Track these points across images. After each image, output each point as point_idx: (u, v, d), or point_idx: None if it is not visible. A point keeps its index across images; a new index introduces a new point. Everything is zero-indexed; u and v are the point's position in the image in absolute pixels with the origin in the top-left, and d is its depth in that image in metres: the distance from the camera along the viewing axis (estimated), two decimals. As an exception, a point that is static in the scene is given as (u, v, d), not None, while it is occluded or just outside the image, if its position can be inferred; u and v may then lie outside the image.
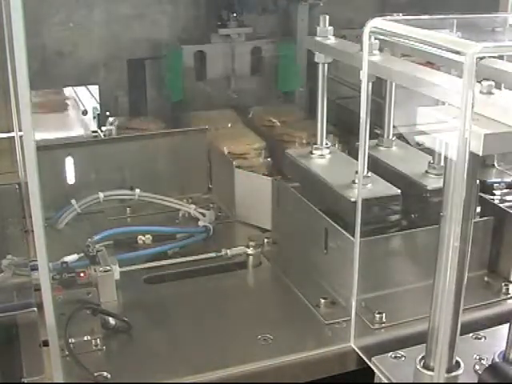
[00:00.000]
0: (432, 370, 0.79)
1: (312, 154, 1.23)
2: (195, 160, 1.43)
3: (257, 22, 1.71)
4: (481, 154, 0.68)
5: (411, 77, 0.85)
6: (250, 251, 1.17)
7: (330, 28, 1.19)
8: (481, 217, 1.10)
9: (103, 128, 1.61)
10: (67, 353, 0.87)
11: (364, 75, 0.86)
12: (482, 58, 0.66)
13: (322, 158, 1.23)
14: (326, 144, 1.24)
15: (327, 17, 1.19)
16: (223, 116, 1.63)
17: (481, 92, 0.73)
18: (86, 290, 0.99)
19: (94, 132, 1.67)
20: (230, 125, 1.58)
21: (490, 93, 0.73)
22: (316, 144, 1.23)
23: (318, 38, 1.19)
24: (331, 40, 1.18)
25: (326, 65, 1.18)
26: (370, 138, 1.04)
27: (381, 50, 0.97)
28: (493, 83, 0.74)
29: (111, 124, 1.59)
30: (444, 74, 0.81)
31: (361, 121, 0.87)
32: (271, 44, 1.72)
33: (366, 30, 0.82)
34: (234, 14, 1.66)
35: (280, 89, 1.77)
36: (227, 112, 1.66)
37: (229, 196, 1.34)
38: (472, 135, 0.67)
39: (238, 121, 1.62)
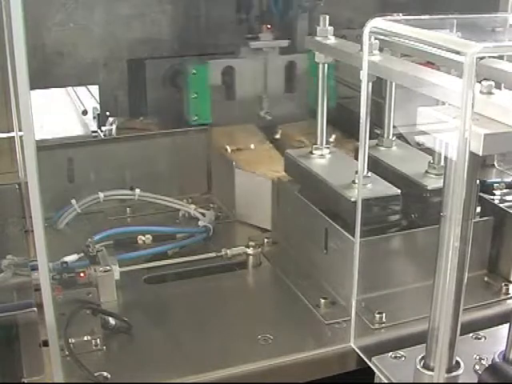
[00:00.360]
0: (432, 370, 0.79)
1: (312, 153, 1.23)
2: (195, 160, 1.43)
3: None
4: (481, 154, 0.68)
5: (411, 77, 0.85)
6: (250, 251, 1.17)
7: (330, 28, 1.18)
8: (481, 217, 1.10)
9: (103, 128, 1.61)
10: (67, 353, 0.87)
11: (364, 75, 0.86)
12: (482, 58, 0.66)
13: (322, 158, 1.23)
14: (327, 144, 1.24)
15: (327, 17, 1.19)
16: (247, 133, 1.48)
17: (481, 92, 0.73)
18: (86, 289, 0.99)
19: (93, 132, 1.67)
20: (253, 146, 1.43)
21: (490, 93, 0.73)
22: (316, 144, 1.23)
23: (317, 38, 1.19)
24: (331, 40, 1.18)
25: (326, 65, 1.18)
26: (370, 138, 1.04)
27: (381, 50, 0.97)
28: (493, 83, 0.74)
29: (111, 124, 1.59)
30: (444, 74, 0.81)
31: (361, 121, 0.87)
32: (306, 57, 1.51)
33: (366, 30, 0.82)
34: (269, 26, 1.50)
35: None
36: (250, 128, 1.51)
37: (229, 196, 1.34)
38: (472, 135, 0.67)
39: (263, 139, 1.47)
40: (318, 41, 1.18)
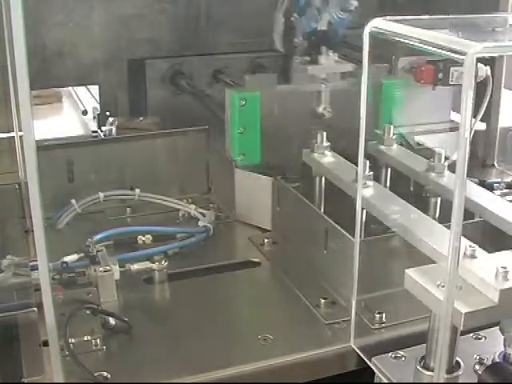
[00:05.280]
0: (432, 370, 0.79)
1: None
2: (195, 160, 1.43)
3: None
4: (461, 329, 0.73)
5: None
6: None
7: (327, 144, 1.20)
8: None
9: (103, 128, 1.61)
10: (67, 353, 0.87)
11: (364, 76, 0.86)
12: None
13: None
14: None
15: (324, 133, 1.20)
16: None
17: (464, 254, 0.77)
18: (85, 289, 0.99)
19: (93, 132, 1.67)
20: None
21: (473, 256, 0.78)
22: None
23: (314, 155, 1.20)
24: (328, 158, 1.20)
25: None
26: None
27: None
28: (476, 247, 0.78)
29: (111, 124, 1.59)
30: (435, 223, 0.87)
31: (360, 121, 0.87)
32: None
33: (366, 30, 0.82)
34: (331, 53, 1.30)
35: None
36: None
37: (229, 196, 1.34)
38: (454, 311, 0.71)
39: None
40: (314, 158, 1.21)
